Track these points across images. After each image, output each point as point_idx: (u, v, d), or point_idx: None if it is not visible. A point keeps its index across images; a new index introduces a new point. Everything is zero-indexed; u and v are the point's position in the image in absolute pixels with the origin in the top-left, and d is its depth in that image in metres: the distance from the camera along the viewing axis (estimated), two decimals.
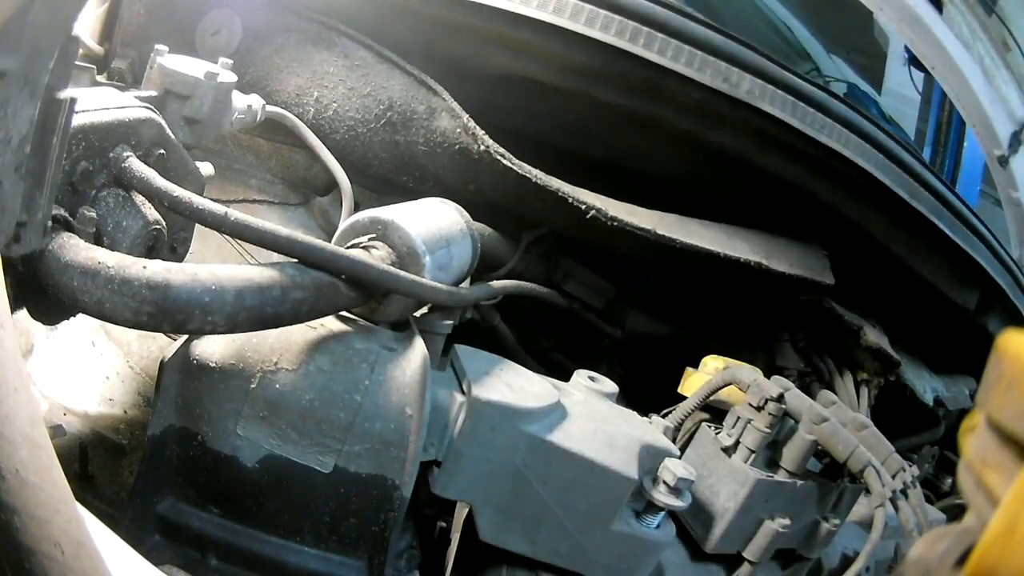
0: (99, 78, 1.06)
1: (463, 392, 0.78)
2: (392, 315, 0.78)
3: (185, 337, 0.71)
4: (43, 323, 0.65)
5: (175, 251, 0.77)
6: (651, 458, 0.82)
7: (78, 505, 0.40)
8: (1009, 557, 0.35)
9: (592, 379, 0.93)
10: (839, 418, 1.02)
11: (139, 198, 0.66)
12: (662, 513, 0.82)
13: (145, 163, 0.66)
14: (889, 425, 1.15)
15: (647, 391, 1.08)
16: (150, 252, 0.67)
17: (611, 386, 0.93)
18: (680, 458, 0.97)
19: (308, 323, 0.71)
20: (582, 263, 1.31)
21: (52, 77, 0.47)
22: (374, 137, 1.12)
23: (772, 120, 1.21)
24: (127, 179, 0.65)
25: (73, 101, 0.51)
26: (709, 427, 1.03)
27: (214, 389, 0.68)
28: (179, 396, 0.69)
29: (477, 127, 1.10)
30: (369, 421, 0.70)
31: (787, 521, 0.98)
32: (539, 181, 1.12)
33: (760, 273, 1.27)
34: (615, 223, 1.15)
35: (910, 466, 1.03)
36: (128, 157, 0.65)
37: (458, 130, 1.09)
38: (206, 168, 0.84)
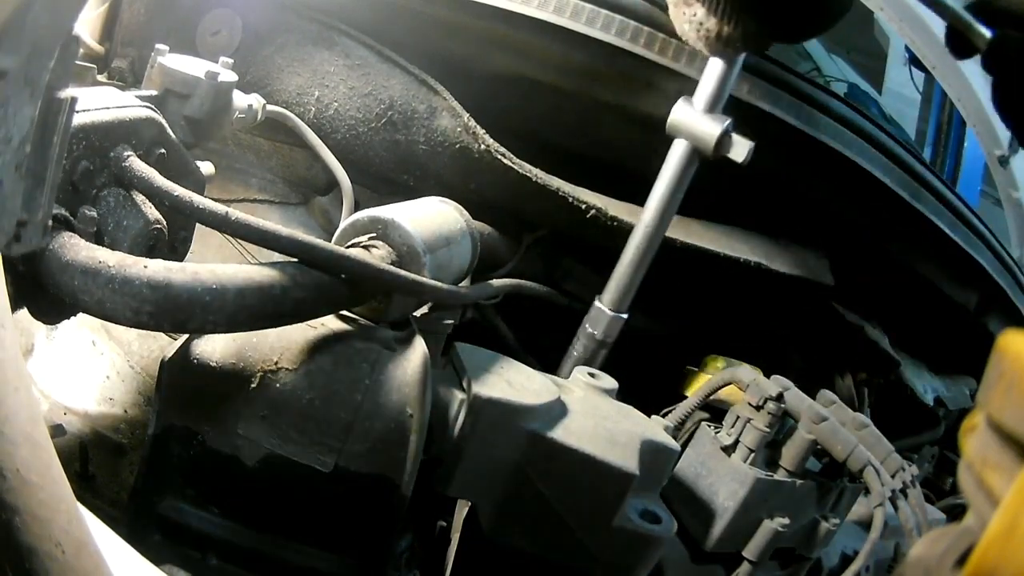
0: (100, 77, 1.06)
1: (463, 390, 0.78)
2: (393, 314, 0.78)
3: (185, 336, 0.71)
4: (44, 322, 0.65)
5: (176, 250, 0.77)
6: (652, 454, 0.82)
7: (79, 505, 0.40)
8: (1009, 557, 0.35)
9: (592, 375, 0.93)
10: (838, 417, 1.02)
11: (140, 197, 0.66)
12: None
13: (146, 162, 0.66)
14: (889, 425, 1.15)
15: (647, 390, 1.08)
16: (151, 251, 0.67)
17: (611, 382, 0.93)
18: (680, 455, 0.97)
19: (308, 322, 0.71)
20: (582, 262, 1.31)
21: (53, 76, 0.47)
22: (375, 136, 1.12)
23: (772, 120, 1.21)
24: (128, 178, 0.65)
25: (74, 100, 0.51)
26: (709, 426, 1.03)
27: (214, 389, 0.69)
28: (179, 395, 0.69)
29: (478, 126, 1.10)
30: (369, 420, 0.70)
31: (786, 520, 0.98)
32: (539, 180, 1.12)
33: (760, 273, 1.27)
34: (615, 222, 1.15)
35: (909, 465, 1.03)
36: (129, 156, 0.65)
37: (459, 129, 1.10)
38: (207, 168, 0.84)
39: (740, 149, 0.98)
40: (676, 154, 1.03)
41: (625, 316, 1.07)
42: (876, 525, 0.97)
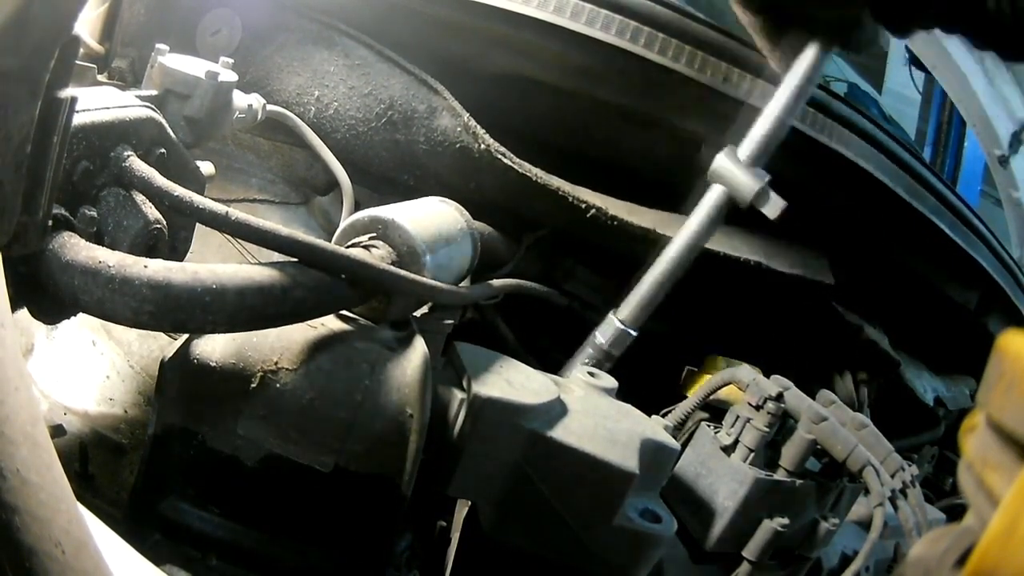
0: (100, 77, 1.06)
1: (463, 389, 0.78)
2: (393, 314, 0.78)
3: (185, 336, 0.71)
4: (44, 322, 0.65)
5: (176, 250, 0.77)
6: (652, 453, 0.82)
7: (79, 504, 0.40)
8: (1009, 557, 0.35)
9: (592, 375, 0.93)
10: (838, 417, 1.02)
11: (140, 197, 0.66)
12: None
13: (146, 162, 0.66)
14: (889, 425, 1.15)
15: (647, 390, 1.08)
16: (151, 251, 0.67)
17: (611, 381, 0.93)
18: (680, 454, 0.97)
19: (308, 322, 0.71)
20: (582, 263, 1.31)
21: (53, 76, 0.47)
22: (375, 136, 1.12)
23: None
24: (128, 178, 0.65)
25: (74, 100, 0.51)
26: (708, 426, 1.03)
27: (214, 388, 0.69)
28: (179, 396, 0.69)
29: (478, 126, 1.10)
30: (369, 420, 0.70)
31: (786, 520, 0.98)
32: (539, 180, 1.12)
33: (760, 272, 1.27)
34: (615, 222, 1.15)
35: (909, 465, 1.03)
36: (129, 156, 0.65)
37: (459, 129, 1.10)
38: (207, 167, 0.84)
39: (774, 206, 1.00)
40: (712, 198, 1.04)
41: (635, 333, 1.08)
42: (876, 525, 0.97)
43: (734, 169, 1.01)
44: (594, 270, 1.31)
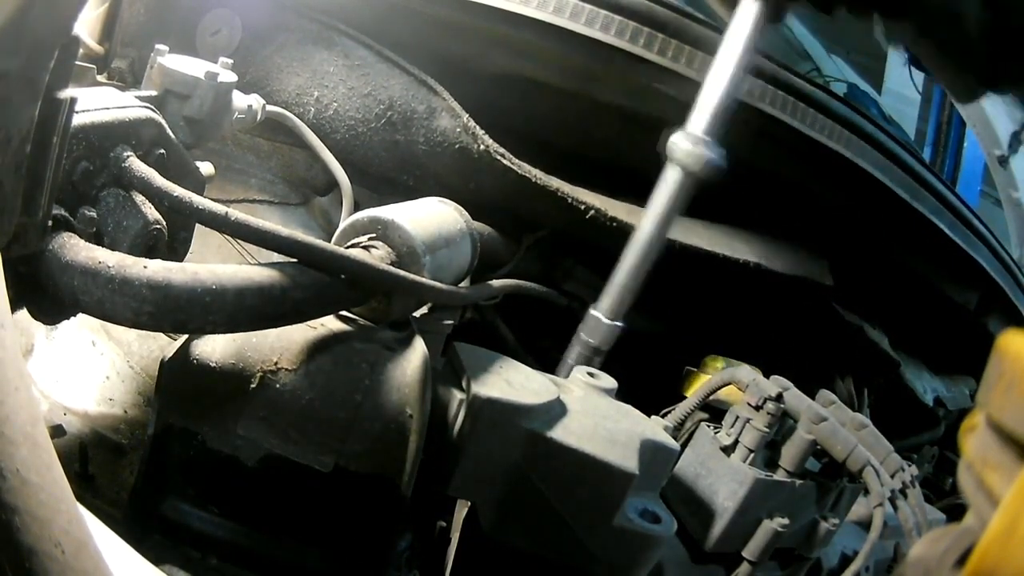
0: (99, 78, 1.06)
1: (463, 389, 0.78)
2: (392, 315, 0.78)
3: (185, 337, 0.71)
4: (43, 323, 0.65)
5: (175, 251, 0.77)
6: (652, 453, 0.82)
7: (79, 505, 0.40)
8: (1009, 557, 0.35)
9: (591, 375, 0.93)
10: (838, 418, 1.02)
11: (139, 198, 0.66)
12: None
13: (145, 163, 0.66)
14: (889, 425, 1.15)
15: (647, 390, 1.08)
16: (150, 252, 0.67)
17: (610, 382, 0.93)
18: (680, 454, 0.97)
19: (308, 323, 0.71)
20: (582, 263, 1.31)
21: (52, 77, 0.47)
22: (374, 137, 1.12)
23: (772, 120, 1.22)
24: (127, 179, 0.65)
25: (73, 101, 0.51)
26: (708, 426, 1.03)
27: (214, 389, 0.68)
28: (179, 396, 0.69)
29: (477, 126, 1.10)
30: (369, 421, 0.70)
31: (786, 520, 0.98)
32: (539, 181, 1.12)
33: (760, 274, 1.27)
34: (615, 223, 1.15)
35: (909, 466, 1.03)
36: (128, 157, 0.65)
37: (458, 129, 1.10)
38: (206, 168, 0.84)
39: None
40: (669, 178, 1.02)
41: (620, 324, 1.07)
42: (876, 525, 0.97)
43: (686, 144, 0.99)
44: (594, 270, 1.31)
